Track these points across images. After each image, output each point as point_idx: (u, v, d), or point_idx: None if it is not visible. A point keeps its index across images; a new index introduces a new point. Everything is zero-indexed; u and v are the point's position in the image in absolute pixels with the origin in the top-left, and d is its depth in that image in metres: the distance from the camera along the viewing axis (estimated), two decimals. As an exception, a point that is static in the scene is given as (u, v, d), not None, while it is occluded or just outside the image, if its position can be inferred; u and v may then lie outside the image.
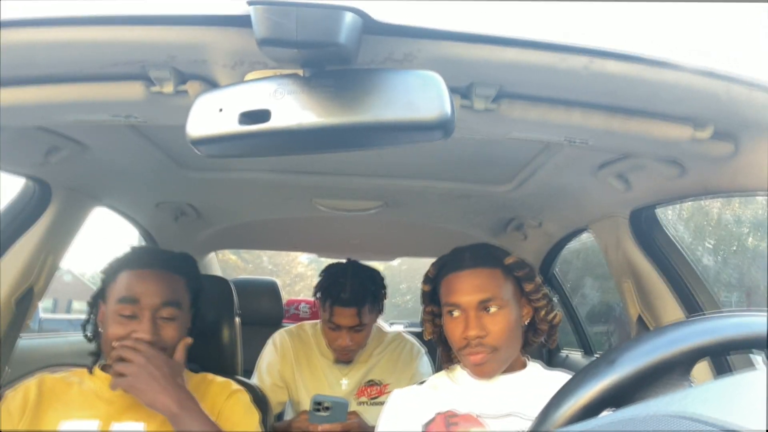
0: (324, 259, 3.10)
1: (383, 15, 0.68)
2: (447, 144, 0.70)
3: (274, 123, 0.64)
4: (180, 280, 1.25)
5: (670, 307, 1.38)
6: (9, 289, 1.37)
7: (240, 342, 1.53)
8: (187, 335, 1.23)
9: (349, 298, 1.70)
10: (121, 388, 1.10)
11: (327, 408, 1.41)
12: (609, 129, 0.93)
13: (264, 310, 2.73)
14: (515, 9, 0.76)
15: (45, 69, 0.84)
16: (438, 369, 1.54)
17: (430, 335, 1.29)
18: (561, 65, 0.77)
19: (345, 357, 1.82)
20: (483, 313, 1.14)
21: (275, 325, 2.65)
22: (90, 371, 1.24)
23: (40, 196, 1.41)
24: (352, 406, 1.68)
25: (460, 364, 1.25)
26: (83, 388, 1.20)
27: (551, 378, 1.20)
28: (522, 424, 1.11)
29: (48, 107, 0.91)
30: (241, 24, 0.69)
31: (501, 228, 2.08)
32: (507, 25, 0.74)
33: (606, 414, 0.48)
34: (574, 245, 2.22)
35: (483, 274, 1.17)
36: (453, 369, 1.26)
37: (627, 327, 1.60)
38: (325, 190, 1.79)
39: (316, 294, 1.80)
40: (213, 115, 0.66)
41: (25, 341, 1.64)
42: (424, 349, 1.94)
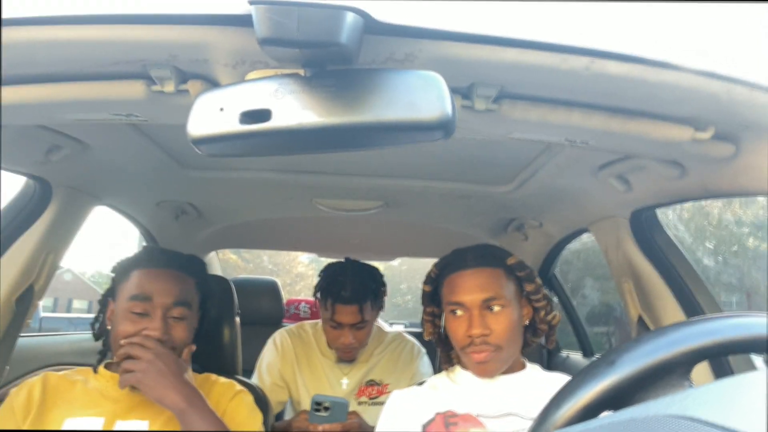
0: (324, 259, 3.10)
1: (384, 15, 0.68)
2: (448, 144, 0.70)
3: (274, 122, 0.64)
4: (191, 281, 1.26)
5: (670, 308, 1.38)
6: (9, 288, 1.37)
7: (240, 342, 1.53)
8: (194, 337, 1.24)
9: (351, 295, 1.70)
10: (130, 384, 1.10)
11: (327, 408, 1.41)
12: (609, 130, 0.93)
13: (264, 309, 2.73)
14: (516, 9, 0.76)
15: (46, 68, 0.83)
16: (438, 369, 1.54)
17: (430, 336, 1.29)
18: (562, 66, 0.77)
19: (348, 356, 1.82)
20: (486, 312, 1.15)
21: (275, 325, 2.65)
22: (95, 370, 1.24)
23: (40, 194, 1.41)
24: (352, 406, 1.68)
25: (459, 365, 1.25)
26: (88, 386, 1.20)
27: (550, 379, 1.21)
28: (521, 424, 1.11)
29: (49, 106, 0.91)
30: (243, 23, 0.69)
31: (501, 228, 2.08)
32: (508, 26, 0.74)
33: (605, 415, 0.48)
34: (574, 246, 2.22)
35: (486, 273, 1.18)
36: (453, 370, 1.26)
37: (627, 328, 1.60)
38: (326, 189, 1.79)
39: (316, 294, 1.80)
40: (214, 115, 0.66)
41: (26, 340, 1.64)
42: (424, 350, 1.94)
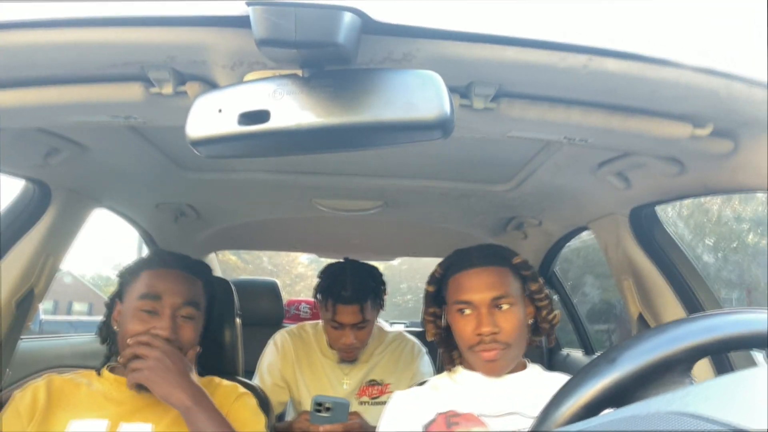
0: (324, 260, 3.10)
1: (382, 15, 0.68)
2: (446, 143, 0.70)
3: (273, 123, 0.64)
4: (199, 282, 1.28)
5: (670, 306, 1.38)
6: (9, 291, 1.37)
7: (241, 343, 1.53)
8: (199, 339, 1.25)
9: (351, 295, 1.70)
10: (138, 381, 1.10)
11: (328, 408, 1.41)
12: (608, 127, 0.93)
13: (264, 310, 2.73)
14: (514, 8, 0.76)
15: (44, 70, 0.83)
16: (439, 369, 1.54)
17: (433, 336, 1.29)
18: (560, 64, 0.77)
19: (349, 355, 1.82)
20: (495, 310, 1.15)
21: (276, 326, 2.66)
22: (98, 373, 1.24)
23: (40, 197, 1.41)
24: (353, 406, 1.68)
25: (462, 365, 1.25)
26: (92, 389, 1.20)
27: (552, 378, 1.21)
28: (524, 422, 1.11)
29: (47, 109, 0.91)
30: (240, 25, 0.69)
31: (501, 227, 2.08)
32: (506, 25, 0.74)
33: (607, 413, 0.48)
34: (574, 244, 2.22)
35: (494, 272, 1.18)
36: (455, 370, 1.26)
37: (627, 325, 1.60)
38: (325, 190, 1.79)
39: (316, 295, 1.80)
40: (212, 116, 0.66)
41: (26, 343, 1.64)
42: (425, 349, 1.94)
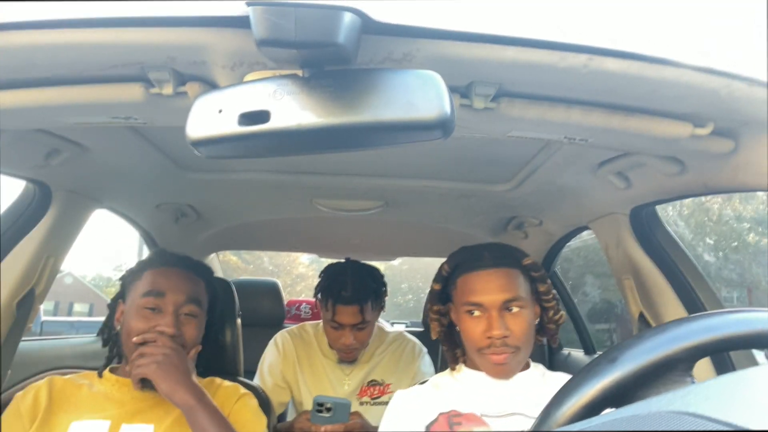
0: (325, 260, 3.10)
1: (382, 15, 0.68)
2: (447, 143, 0.70)
3: (273, 124, 0.64)
4: (201, 282, 1.29)
5: (671, 305, 1.38)
6: (10, 292, 1.37)
7: (242, 343, 1.53)
8: (200, 339, 1.25)
9: (351, 295, 1.70)
10: (144, 375, 1.11)
11: (329, 408, 1.41)
12: (609, 127, 0.93)
13: (265, 310, 2.73)
14: (514, 8, 0.76)
15: (44, 71, 0.83)
16: (440, 369, 1.54)
17: (437, 334, 1.28)
18: (560, 64, 0.77)
19: (349, 356, 1.82)
20: (505, 313, 1.13)
21: (277, 326, 2.66)
22: (100, 374, 1.24)
23: (40, 198, 1.41)
24: (354, 406, 1.68)
25: (465, 364, 1.24)
26: (93, 390, 1.21)
27: (554, 378, 1.20)
28: (526, 423, 1.11)
29: (48, 110, 0.91)
30: (240, 25, 0.69)
31: (501, 227, 2.08)
32: (506, 24, 0.74)
33: (608, 412, 0.48)
34: (574, 243, 2.22)
35: (506, 273, 1.16)
36: (458, 369, 1.25)
37: (628, 325, 1.60)
38: (326, 190, 1.79)
39: (317, 295, 1.80)
40: (212, 117, 0.66)
41: (27, 344, 1.64)
42: (425, 349, 1.94)
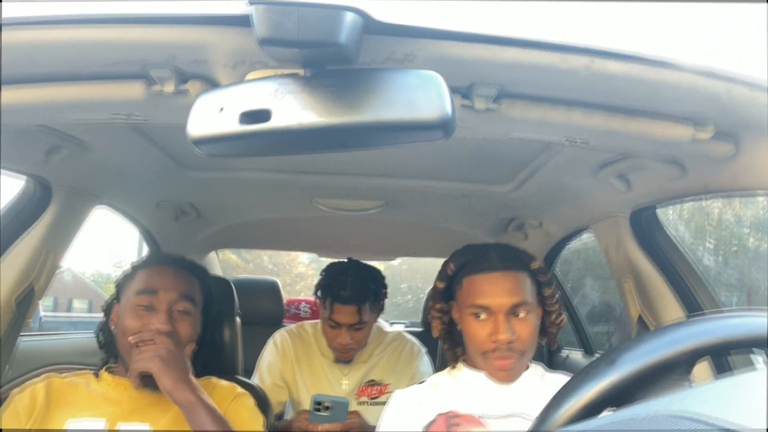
0: (324, 259, 3.10)
1: (384, 15, 0.68)
2: (448, 144, 0.70)
3: (274, 123, 0.64)
4: (195, 280, 1.30)
5: (670, 307, 1.38)
6: (10, 288, 1.37)
7: (240, 342, 1.53)
8: (195, 338, 1.26)
9: (350, 295, 1.70)
10: (146, 369, 1.11)
11: (327, 408, 1.41)
12: (610, 129, 0.93)
13: (264, 309, 2.73)
14: (516, 9, 0.76)
15: (46, 68, 0.84)
16: (438, 369, 1.54)
17: (438, 333, 1.27)
18: (562, 65, 0.77)
19: (345, 356, 1.82)
20: (512, 317, 1.12)
21: (276, 325, 2.65)
22: (96, 374, 1.25)
23: (40, 195, 1.41)
24: (352, 405, 1.68)
25: (464, 363, 1.24)
26: (90, 389, 1.21)
27: (554, 379, 1.20)
28: (526, 424, 1.11)
29: (49, 107, 0.91)
30: (242, 24, 0.69)
31: (502, 228, 2.08)
32: (508, 25, 0.74)
33: (606, 414, 0.48)
34: (574, 245, 2.22)
35: (514, 277, 1.14)
36: (457, 368, 1.25)
37: (627, 327, 1.60)
38: (326, 189, 1.79)
39: (316, 292, 1.80)
40: (213, 115, 0.66)
41: (26, 340, 1.64)
42: (424, 349, 1.94)
